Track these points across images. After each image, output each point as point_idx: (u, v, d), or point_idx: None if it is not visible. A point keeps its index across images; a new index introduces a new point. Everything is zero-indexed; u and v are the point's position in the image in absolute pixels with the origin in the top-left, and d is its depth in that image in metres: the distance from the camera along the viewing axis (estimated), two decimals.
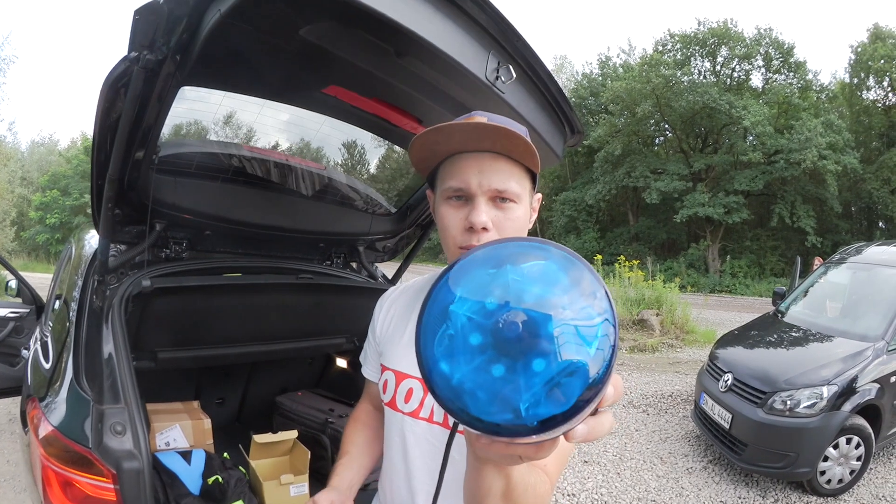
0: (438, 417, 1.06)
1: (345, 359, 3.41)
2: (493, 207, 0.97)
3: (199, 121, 2.12)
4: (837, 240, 22.73)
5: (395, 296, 1.27)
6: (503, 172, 0.96)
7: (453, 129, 0.93)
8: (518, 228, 0.99)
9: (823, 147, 21.62)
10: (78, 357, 1.92)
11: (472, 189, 0.96)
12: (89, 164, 1.79)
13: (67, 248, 3.47)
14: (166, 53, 1.33)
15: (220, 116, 2.10)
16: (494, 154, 0.95)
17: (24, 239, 33.81)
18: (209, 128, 2.18)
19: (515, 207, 0.98)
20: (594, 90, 30.23)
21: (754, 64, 25.99)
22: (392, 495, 1.16)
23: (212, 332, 2.79)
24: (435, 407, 1.05)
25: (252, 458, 2.57)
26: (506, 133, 0.90)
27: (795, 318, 5.48)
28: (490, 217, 0.96)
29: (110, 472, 1.63)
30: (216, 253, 2.59)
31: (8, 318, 3.92)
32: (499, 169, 0.95)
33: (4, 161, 16.75)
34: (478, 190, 0.96)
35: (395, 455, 1.14)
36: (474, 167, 0.96)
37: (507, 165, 0.96)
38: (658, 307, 10.35)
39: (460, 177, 0.97)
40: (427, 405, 1.08)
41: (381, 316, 1.25)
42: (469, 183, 0.96)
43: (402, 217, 2.97)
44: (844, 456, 4.09)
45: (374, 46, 1.34)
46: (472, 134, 0.93)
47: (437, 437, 1.05)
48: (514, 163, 0.97)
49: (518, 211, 0.99)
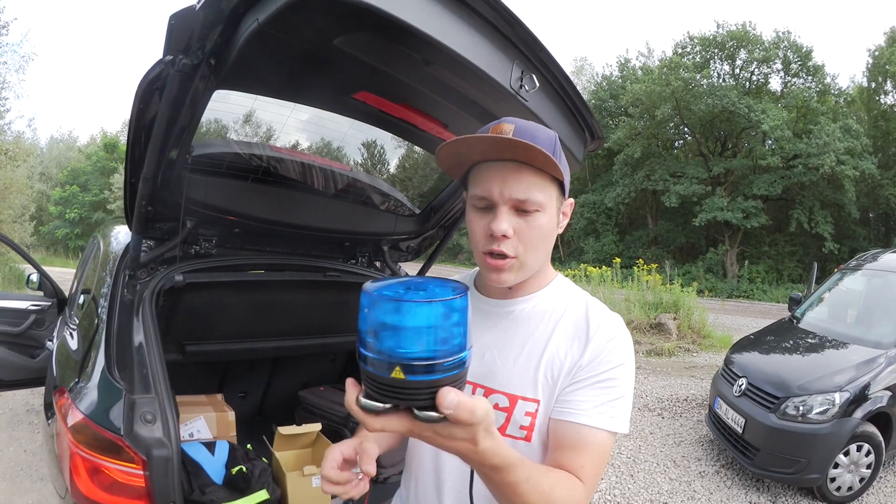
0: None
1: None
2: (516, 216, 0.99)
3: (230, 122, 2.18)
4: (855, 246, 22.50)
5: None
6: (525, 182, 0.98)
7: (474, 141, 0.96)
8: (541, 236, 1.02)
9: (842, 152, 21.41)
10: (110, 348, 1.97)
11: (495, 198, 0.98)
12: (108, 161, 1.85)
13: (93, 243, 3.54)
14: (201, 58, 1.38)
15: (250, 118, 2.16)
16: (518, 163, 0.97)
17: (43, 234, 34.21)
18: (240, 129, 2.24)
19: (539, 216, 1.00)
20: (614, 92, 30.17)
21: (773, 67, 25.78)
22: (418, 493, 1.18)
23: (239, 326, 2.86)
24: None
25: (276, 449, 2.61)
26: (524, 146, 0.92)
27: (811, 324, 5.45)
28: (512, 225, 0.99)
29: (141, 458, 1.69)
30: (244, 250, 2.64)
31: (29, 311, 3.97)
32: (521, 179, 0.98)
33: (24, 157, 16.93)
34: (499, 199, 0.98)
35: (425, 454, 1.15)
36: (498, 177, 0.98)
37: (529, 175, 0.98)
38: (675, 311, 10.28)
39: (484, 185, 1.00)
40: None
41: None
42: (492, 192, 0.99)
43: (426, 218, 3.01)
44: (854, 463, 4.08)
45: (404, 56, 1.39)
46: (493, 146, 0.96)
47: None
48: (537, 171, 0.98)
49: (541, 219, 1.00)
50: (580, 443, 0.98)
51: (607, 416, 0.99)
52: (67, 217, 34.15)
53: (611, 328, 1.05)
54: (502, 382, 1.06)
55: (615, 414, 1.00)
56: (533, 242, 1.01)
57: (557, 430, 1.01)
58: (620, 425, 1.00)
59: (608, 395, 1.00)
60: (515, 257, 1.01)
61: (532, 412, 1.03)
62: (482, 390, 1.07)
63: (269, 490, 2.34)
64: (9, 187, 15.23)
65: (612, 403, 1.00)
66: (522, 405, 1.03)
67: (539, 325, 1.08)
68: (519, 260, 1.02)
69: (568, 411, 1.00)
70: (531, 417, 1.03)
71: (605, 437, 1.00)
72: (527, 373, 1.04)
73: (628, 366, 1.04)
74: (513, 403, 1.04)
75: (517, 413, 1.04)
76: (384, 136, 2.35)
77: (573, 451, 0.98)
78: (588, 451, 0.98)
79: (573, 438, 0.99)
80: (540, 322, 1.09)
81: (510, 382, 1.05)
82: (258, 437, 2.87)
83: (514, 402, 1.04)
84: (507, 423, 1.04)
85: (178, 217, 2.15)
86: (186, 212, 2.14)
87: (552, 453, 1.01)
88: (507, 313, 1.12)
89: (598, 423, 0.99)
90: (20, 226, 18.69)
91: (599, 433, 0.99)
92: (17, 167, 16.76)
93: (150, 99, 1.58)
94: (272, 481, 2.43)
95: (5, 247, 13.18)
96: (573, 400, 1.01)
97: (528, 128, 0.99)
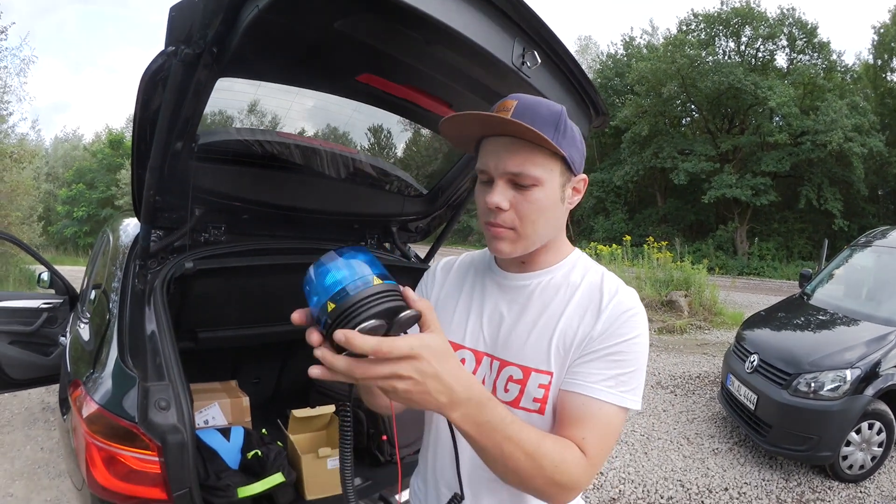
0: (488, 388, 1.03)
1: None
2: (512, 189, 1.01)
3: (235, 109, 2.19)
4: (864, 223, 22.31)
5: (452, 265, 1.30)
6: (519, 156, 0.98)
7: (466, 118, 0.98)
8: (538, 209, 1.02)
9: (849, 129, 21.26)
10: (122, 337, 1.99)
11: (491, 172, 1.01)
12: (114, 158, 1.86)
13: (103, 238, 3.56)
14: (203, 47, 1.39)
15: (255, 104, 2.17)
16: (514, 139, 0.98)
17: (52, 233, 34.36)
18: (245, 116, 2.25)
19: (536, 190, 1.00)
20: (619, 71, 30.00)
21: (778, 44, 25.57)
22: (436, 467, 1.19)
23: (251, 311, 2.87)
24: (486, 378, 1.10)
25: (290, 432, 2.62)
26: (513, 124, 0.93)
27: (821, 300, 5.43)
28: (507, 198, 1.00)
29: (156, 445, 1.71)
30: (253, 236, 2.65)
31: (41, 310, 4.02)
32: (516, 153, 0.98)
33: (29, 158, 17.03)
34: (495, 172, 1.01)
35: (441, 426, 1.16)
36: (495, 151, 1.00)
37: (525, 150, 0.98)
38: (686, 289, 10.28)
39: (483, 160, 1.03)
40: (479, 375, 1.11)
41: (437, 286, 1.27)
42: (488, 166, 1.02)
43: (434, 198, 3.02)
44: (866, 441, 4.07)
45: (405, 36, 1.39)
46: (486, 123, 0.98)
47: None
48: (535, 147, 0.98)
49: (538, 194, 1.00)
50: (585, 415, 0.97)
51: (616, 391, 0.98)
52: (75, 215, 34.31)
53: (625, 301, 1.05)
54: (516, 355, 1.07)
55: (625, 389, 0.99)
56: (529, 216, 1.01)
57: (564, 401, 1.01)
58: (630, 401, 0.99)
59: (618, 368, 0.99)
60: (512, 229, 1.03)
61: (545, 384, 1.03)
62: (497, 363, 1.09)
63: (284, 473, 2.37)
64: (16, 189, 15.31)
65: (621, 377, 0.99)
66: (536, 377, 1.04)
67: (554, 298, 1.09)
68: (516, 232, 1.03)
69: (575, 382, 1.00)
70: (544, 390, 1.03)
71: (613, 411, 0.98)
72: (540, 345, 1.05)
73: (641, 340, 1.03)
74: (526, 376, 1.05)
75: (530, 385, 1.04)
76: (390, 117, 2.35)
77: (577, 423, 0.97)
78: (592, 423, 0.97)
79: (578, 410, 0.98)
80: (555, 295, 1.09)
81: (524, 355, 1.06)
82: (273, 422, 2.89)
83: (528, 375, 1.05)
84: (521, 395, 1.05)
85: (186, 206, 2.16)
86: (194, 200, 2.16)
87: (558, 426, 1.01)
88: (524, 287, 1.13)
89: (605, 396, 0.98)
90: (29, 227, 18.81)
91: (606, 406, 0.98)
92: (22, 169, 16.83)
93: (154, 90, 1.59)
94: (287, 464, 2.45)
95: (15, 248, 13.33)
96: (581, 372, 1.00)
97: (531, 103, 0.99)
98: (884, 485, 4.12)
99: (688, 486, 4.02)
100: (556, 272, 1.12)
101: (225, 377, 3.08)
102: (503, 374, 1.08)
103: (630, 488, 3.96)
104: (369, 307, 0.74)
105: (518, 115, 0.95)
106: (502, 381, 1.08)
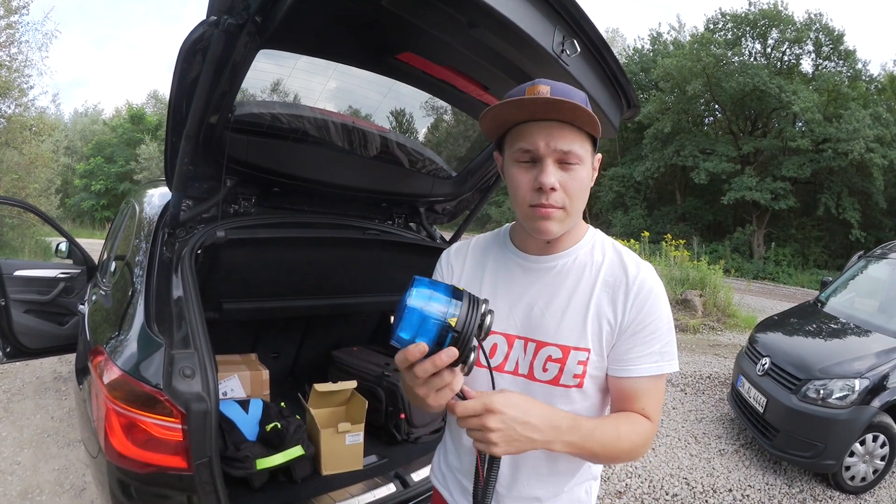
0: (523, 370, 1.15)
1: None
2: (560, 169, 1.05)
3: (272, 82, 2.20)
4: (881, 236, 21.95)
5: (465, 251, 1.30)
6: (567, 137, 1.03)
7: (525, 102, 1.01)
8: (582, 188, 1.08)
9: (871, 139, 20.91)
10: (149, 304, 1.99)
11: (541, 151, 1.03)
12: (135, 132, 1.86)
13: (126, 207, 3.54)
14: (247, 17, 1.40)
15: (292, 78, 2.17)
16: (560, 122, 1.03)
17: (69, 206, 34.55)
18: (281, 88, 2.26)
19: (579, 168, 1.06)
20: (645, 66, 29.61)
21: (804, 49, 25.10)
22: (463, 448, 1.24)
23: (276, 284, 2.89)
24: (520, 360, 1.14)
25: (311, 406, 2.64)
26: (571, 106, 0.98)
27: (835, 308, 5.40)
28: (557, 178, 1.04)
29: (179, 412, 1.68)
30: (283, 209, 2.66)
31: (58, 279, 4.05)
32: (563, 134, 1.03)
33: (49, 131, 17.16)
34: (546, 151, 1.03)
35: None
36: (543, 132, 1.03)
37: (570, 131, 1.03)
38: (702, 289, 10.21)
39: (529, 140, 1.05)
40: (512, 359, 1.15)
41: (455, 273, 1.28)
42: (538, 145, 1.03)
43: (463, 181, 3.02)
44: (870, 454, 4.04)
45: (449, 17, 1.40)
46: (542, 107, 1.01)
47: (521, 390, 1.11)
48: (576, 129, 1.04)
49: (581, 172, 1.06)
50: (639, 391, 1.12)
51: (658, 364, 1.11)
52: (93, 189, 34.40)
53: (647, 279, 1.13)
54: (553, 335, 1.12)
55: (666, 359, 1.12)
56: (577, 194, 1.07)
57: (618, 386, 1.14)
58: (671, 366, 1.13)
59: (655, 343, 1.11)
60: (563, 208, 1.06)
61: (584, 361, 1.11)
62: (534, 345, 1.13)
63: (304, 446, 2.39)
64: (34, 162, 15.39)
65: (660, 351, 1.12)
66: (575, 355, 1.11)
67: (582, 277, 1.15)
68: (565, 211, 1.07)
69: (624, 368, 1.11)
70: (583, 366, 1.11)
71: (660, 378, 1.14)
72: (575, 324, 1.11)
73: (666, 310, 1.14)
74: (565, 354, 1.11)
75: (570, 363, 1.11)
76: (424, 97, 2.36)
77: (635, 399, 1.12)
78: (647, 395, 1.12)
79: (632, 389, 1.12)
80: (582, 274, 1.15)
81: (561, 334, 1.12)
82: (292, 396, 2.91)
83: (567, 353, 1.11)
84: (561, 373, 1.12)
85: (218, 176, 2.17)
86: (227, 170, 2.17)
87: (616, 404, 1.16)
88: (550, 268, 1.17)
89: (651, 371, 1.11)
90: (46, 199, 18.93)
91: (653, 379, 1.12)
92: (41, 142, 16.96)
93: (193, 59, 1.60)
94: (306, 438, 2.47)
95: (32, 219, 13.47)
96: (626, 358, 1.11)
97: (564, 89, 1.05)
98: (883, 499, 4.08)
99: (693, 484, 4.03)
100: (579, 251, 1.17)
101: (245, 350, 3.11)
102: (541, 355, 1.13)
103: (637, 483, 3.98)
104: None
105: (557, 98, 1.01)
106: (540, 362, 1.13)
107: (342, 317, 3.57)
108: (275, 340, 3.43)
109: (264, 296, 2.91)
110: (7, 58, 14.30)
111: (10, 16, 13.93)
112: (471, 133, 2.87)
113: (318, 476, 2.49)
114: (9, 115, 14.64)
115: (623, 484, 3.94)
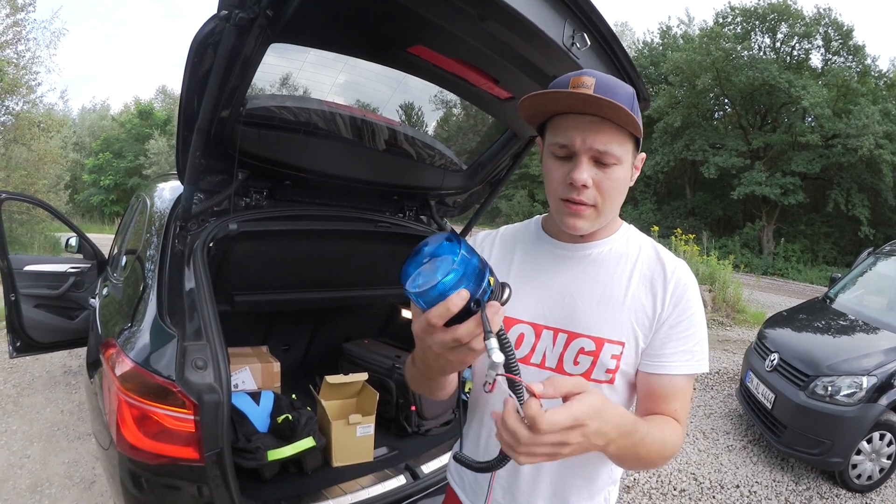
0: (551, 363, 1.09)
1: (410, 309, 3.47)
2: (594, 167, 1.00)
3: (283, 75, 2.19)
4: (890, 234, 21.81)
5: (493, 238, 1.26)
6: (605, 135, 0.98)
7: (559, 96, 0.97)
8: (617, 188, 1.03)
9: (880, 136, 20.81)
10: (161, 296, 1.99)
11: (576, 147, 0.99)
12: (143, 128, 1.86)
13: (137, 201, 3.55)
14: (258, 11, 1.40)
15: (303, 71, 2.16)
16: (600, 118, 0.98)
17: (78, 201, 34.63)
18: (292, 82, 2.25)
19: (616, 169, 1.01)
20: (654, 59, 29.56)
21: (814, 43, 25.02)
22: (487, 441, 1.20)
23: (288, 277, 2.90)
24: (548, 352, 1.10)
25: (322, 398, 2.64)
26: (609, 104, 0.92)
27: (844, 305, 5.39)
28: (591, 175, 0.99)
29: (192, 403, 1.69)
30: (294, 202, 2.65)
31: (68, 274, 4.04)
32: (602, 132, 0.98)
33: (57, 128, 17.20)
34: (581, 148, 0.99)
35: (497, 402, 1.12)
36: (580, 127, 0.99)
37: (610, 129, 0.98)
38: (711, 284, 10.16)
39: (566, 134, 1.00)
40: (539, 351, 1.10)
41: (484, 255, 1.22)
42: (574, 141, 0.99)
43: (473, 174, 3.02)
44: (876, 452, 4.03)
45: (460, 11, 1.40)
46: (578, 101, 0.96)
47: None
48: (617, 127, 0.99)
49: (618, 172, 1.01)
50: (672, 391, 1.07)
51: (690, 363, 1.07)
52: (102, 184, 34.57)
53: (683, 276, 1.09)
54: (587, 326, 1.07)
55: (698, 358, 1.08)
56: (610, 193, 1.02)
57: (650, 382, 1.08)
58: (702, 365, 1.08)
59: (690, 341, 1.07)
60: (594, 206, 1.02)
61: (617, 355, 1.06)
62: (565, 336, 1.08)
63: (315, 438, 2.40)
64: (43, 158, 15.42)
65: (693, 350, 1.07)
66: (609, 348, 1.06)
67: (617, 267, 1.11)
68: (597, 209, 1.03)
69: (657, 364, 1.07)
70: (616, 360, 1.06)
71: (690, 378, 1.09)
72: (611, 315, 1.07)
73: (700, 309, 1.10)
74: (599, 347, 1.06)
75: (604, 356, 1.06)
76: (434, 90, 2.35)
77: (666, 400, 1.07)
78: (679, 396, 1.07)
79: (665, 388, 1.07)
80: (617, 265, 1.11)
81: (595, 325, 1.07)
82: (302, 388, 2.92)
83: (601, 346, 1.06)
84: (593, 367, 1.07)
85: (229, 169, 2.18)
86: (239, 164, 2.17)
87: (645, 403, 1.10)
88: (584, 256, 1.12)
89: (684, 370, 1.06)
90: (55, 195, 18.97)
91: (686, 378, 1.08)
92: (50, 138, 16.96)
93: (205, 53, 1.60)
94: (317, 429, 2.48)
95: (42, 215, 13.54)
96: (661, 354, 1.07)
97: (609, 83, 0.98)
98: (889, 498, 4.07)
99: (700, 479, 4.03)
100: (614, 241, 1.13)
101: (256, 342, 3.12)
102: (572, 347, 1.08)
103: (645, 477, 3.98)
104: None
105: (599, 93, 0.95)
106: (571, 355, 1.08)
107: (353, 309, 3.57)
108: (286, 333, 3.44)
109: (276, 288, 2.91)
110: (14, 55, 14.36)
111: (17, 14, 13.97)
112: (481, 126, 2.87)
113: (329, 467, 2.49)
114: (17, 112, 14.66)
115: (631, 479, 3.94)
